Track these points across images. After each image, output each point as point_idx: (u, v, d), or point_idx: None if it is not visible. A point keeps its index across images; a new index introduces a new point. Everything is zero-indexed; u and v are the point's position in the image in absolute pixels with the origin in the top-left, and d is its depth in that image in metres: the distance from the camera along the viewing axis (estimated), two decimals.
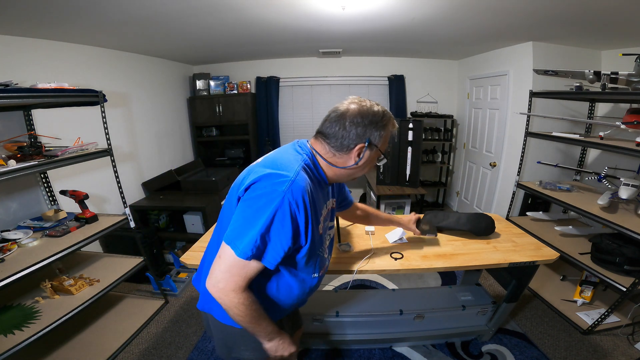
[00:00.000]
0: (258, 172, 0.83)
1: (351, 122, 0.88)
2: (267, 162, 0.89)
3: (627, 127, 1.82)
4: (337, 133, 0.90)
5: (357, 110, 0.89)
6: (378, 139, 0.91)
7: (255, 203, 0.79)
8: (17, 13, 1.70)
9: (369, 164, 0.96)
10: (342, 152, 0.91)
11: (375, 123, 0.89)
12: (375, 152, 0.94)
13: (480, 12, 2.03)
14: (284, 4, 1.91)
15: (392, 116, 0.95)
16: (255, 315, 0.86)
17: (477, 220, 1.71)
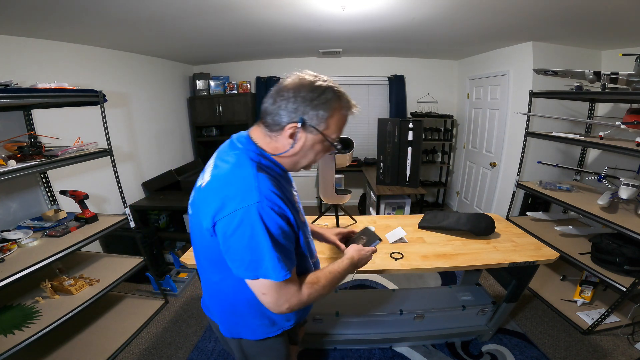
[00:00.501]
0: (217, 201, 0.74)
1: (282, 96, 0.76)
2: (217, 182, 0.78)
3: (627, 127, 1.82)
4: (268, 108, 0.79)
5: (292, 82, 0.78)
6: (317, 121, 0.77)
7: (243, 232, 0.72)
8: (17, 13, 1.70)
9: (313, 151, 0.83)
10: (275, 132, 0.79)
11: (311, 100, 0.75)
12: (319, 138, 0.80)
13: (480, 12, 2.03)
14: (284, 4, 1.91)
15: (344, 96, 0.80)
16: (326, 283, 0.86)
17: (477, 220, 1.71)
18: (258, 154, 0.82)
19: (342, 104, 0.80)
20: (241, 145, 0.83)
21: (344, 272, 0.94)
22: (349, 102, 0.82)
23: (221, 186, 0.76)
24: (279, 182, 0.82)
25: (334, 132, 0.82)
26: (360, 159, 4.24)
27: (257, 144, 0.83)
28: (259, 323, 0.94)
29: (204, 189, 0.80)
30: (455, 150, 4.33)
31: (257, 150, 0.82)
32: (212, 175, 0.80)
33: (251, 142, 0.84)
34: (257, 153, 0.82)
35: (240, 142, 0.85)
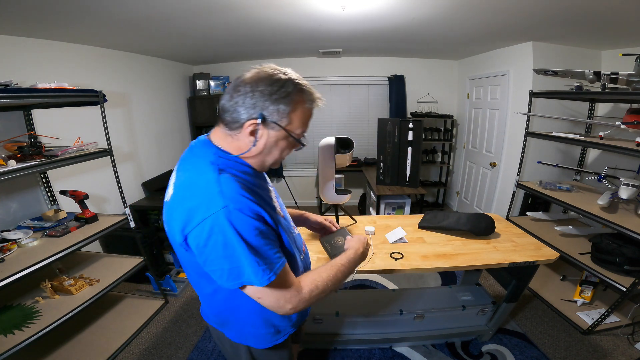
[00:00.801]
0: (183, 214, 0.70)
1: (238, 91, 0.72)
2: (179, 194, 0.74)
3: (627, 127, 1.82)
4: (225, 105, 0.74)
5: (250, 76, 0.73)
6: (278, 116, 0.72)
7: (216, 242, 0.67)
8: (17, 13, 1.70)
9: (278, 148, 0.78)
10: (234, 130, 0.75)
11: (270, 94, 0.71)
12: (282, 134, 0.75)
13: (480, 12, 2.03)
14: (284, 4, 1.91)
15: (306, 88, 0.76)
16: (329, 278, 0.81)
17: (477, 220, 1.71)
18: (219, 156, 0.76)
19: (305, 97, 0.75)
20: (200, 150, 0.79)
21: (349, 264, 0.90)
22: (312, 94, 0.77)
23: (184, 197, 0.72)
24: (247, 181, 0.76)
25: (298, 127, 0.77)
26: (360, 159, 4.24)
27: (218, 146, 0.78)
28: (264, 332, 0.93)
29: (170, 203, 0.76)
30: (455, 150, 4.33)
31: (217, 152, 0.77)
32: (174, 188, 0.76)
33: (211, 145, 0.79)
34: (218, 155, 0.76)
35: (199, 146, 0.80)
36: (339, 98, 4.24)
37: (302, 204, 4.53)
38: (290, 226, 0.96)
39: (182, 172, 0.77)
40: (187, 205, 0.70)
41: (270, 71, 0.74)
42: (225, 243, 0.67)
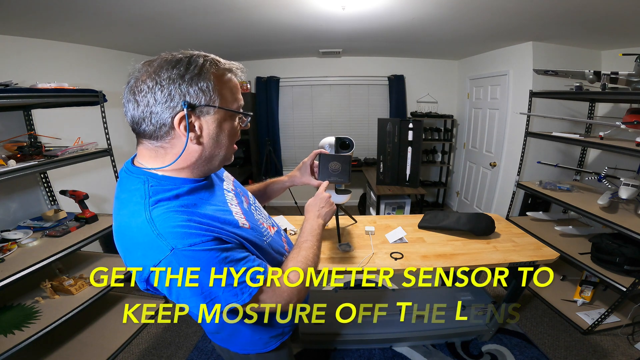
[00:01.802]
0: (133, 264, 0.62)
1: (142, 91, 0.59)
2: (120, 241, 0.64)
3: (627, 127, 1.82)
4: (136, 115, 0.60)
5: (146, 72, 0.60)
6: (206, 95, 0.61)
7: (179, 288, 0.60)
8: (17, 13, 1.70)
9: (225, 133, 0.67)
10: (163, 138, 0.62)
11: (181, 76, 0.59)
12: (222, 114, 0.64)
13: (480, 12, 2.03)
14: (284, 3, 1.91)
15: (216, 57, 0.65)
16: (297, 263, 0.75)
17: (477, 220, 1.71)
18: (149, 184, 0.63)
19: (221, 66, 0.64)
20: (126, 182, 0.66)
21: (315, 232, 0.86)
22: (225, 62, 0.66)
23: (127, 249, 0.63)
24: (188, 204, 0.64)
25: (233, 99, 0.66)
26: (360, 159, 4.24)
27: (144, 169, 0.65)
28: (266, 338, 0.93)
29: (115, 237, 0.66)
30: (455, 150, 4.33)
31: (146, 179, 0.64)
32: (114, 226, 0.66)
33: (138, 172, 0.65)
34: (147, 184, 0.63)
35: (124, 177, 0.67)
36: (339, 98, 4.24)
37: (302, 204, 4.52)
38: (261, 234, 0.81)
39: (115, 214, 0.65)
40: (134, 257, 0.61)
41: (164, 56, 0.62)
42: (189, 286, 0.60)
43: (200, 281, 0.60)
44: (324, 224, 0.95)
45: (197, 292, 0.61)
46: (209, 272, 0.60)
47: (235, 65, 0.68)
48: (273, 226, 0.94)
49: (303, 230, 0.90)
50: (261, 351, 0.95)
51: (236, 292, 0.63)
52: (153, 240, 0.57)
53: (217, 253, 0.61)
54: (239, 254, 0.65)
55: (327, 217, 0.97)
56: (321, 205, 0.97)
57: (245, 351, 0.96)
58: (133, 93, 0.60)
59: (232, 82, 0.67)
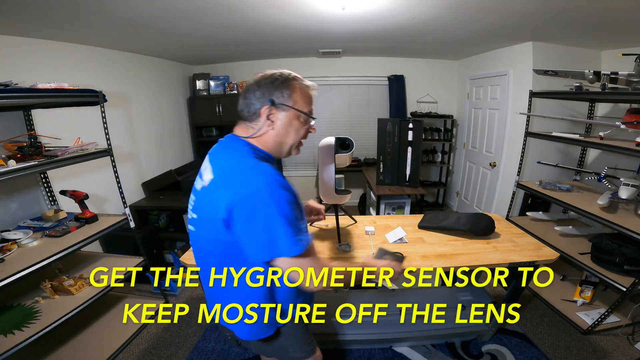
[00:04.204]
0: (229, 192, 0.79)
1: (249, 91, 0.90)
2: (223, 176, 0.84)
3: (627, 127, 1.82)
4: (242, 105, 0.91)
5: (253, 80, 0.92)
6: (285, 98, 0.89)
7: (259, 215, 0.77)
8: (17, 13, 1.70)
9: (293, 128, 0.93)
10: (254, 121, 0.90)
11: (271, 83, 0.89)
12: (292, 113, 0.91)
13: (481, 12, 2.03)
14: (284, 4, 1.91)
15: (298, 76, 0.93)
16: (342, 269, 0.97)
17: (477, 220, 1.71)
18: (249, 146, 0.90)
19: (299, 81, 0.92)
20: (231, 143, 0.91)
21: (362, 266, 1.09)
22: (304, 80, 0.94)
23: (228, 179, 0.82)
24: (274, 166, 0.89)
25: (304, 106, 0.92)
26: (360, 159, 4.24)
27: (243, 138, 0.91)
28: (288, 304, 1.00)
29: (209, 187, 0.85)
30: (455, 150, 4.33)
31: (246, 143, 0.90)
32: (214, 174, 0.86)
33: (239, 138, 0.92)
34: (248, 146, 0.89)
35: (229, 141, 0.93)
36: (339, 98, 4.24)
37: None
38: None
39: (220, 160, 0.89)
40: (232, 184, 0.80)
41: (267, 71, 0.92)
42: (267, 216, 0.77)
43: (274, 218, 0.77)
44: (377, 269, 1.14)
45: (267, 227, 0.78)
46: (284, 212, 0.78)
47: (311, 83, 0.96)
48: None
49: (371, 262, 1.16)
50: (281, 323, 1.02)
51: (292, 242, 0.79)
52: (257, 175, 0.80)
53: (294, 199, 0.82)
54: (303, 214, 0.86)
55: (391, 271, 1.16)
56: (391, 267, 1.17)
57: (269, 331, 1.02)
58: (244, 93, 0.91)
59: (306, 92, 0.93)
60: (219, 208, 0.81)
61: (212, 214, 0.83)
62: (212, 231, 0.87)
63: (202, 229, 0.91)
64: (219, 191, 0.82)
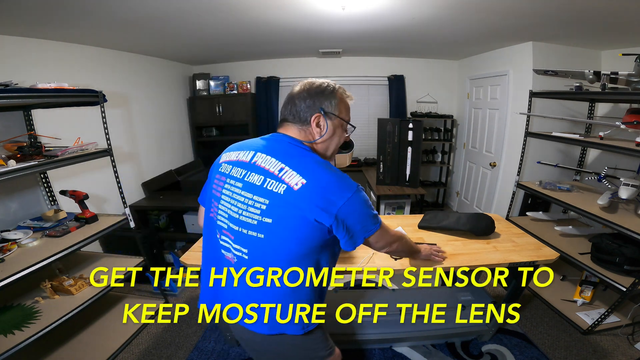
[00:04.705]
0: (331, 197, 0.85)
1: (299, 98, 0.96)
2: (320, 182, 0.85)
3: (627, 127, 1.82)
4: (292, 111, 0.97)
5: (302, 87, 0.98)
6: (333, 107, 0.96)
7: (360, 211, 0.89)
8: (17, 13, 1.70)
9: (337, 133, 1.01)
10: (305, 125, 0.96)
11: (321, 93, 0.95)
12: (337, 121, 0.99)
13: (481, 12, 2.03)
14: (284, 4, 1.91)
15: (341, 86, 1.01)
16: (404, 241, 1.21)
17: (477, 220, 1.71)
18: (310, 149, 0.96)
19: (342, 92, 1.00)
20: (299, 147, 0.94)
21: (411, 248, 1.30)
22: (345, 90, 1.03)
23: (328, 184, 0.86)
24: None
25: (346, 115, 1.01)
26: (360, 159, 4.24)
27: (304, 143, 0.96)
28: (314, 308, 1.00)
29: (302, 191, 0.83)
30: (455, 150, 4.33)
31: (309, 148, 0.96)
32: (305, 178, 0.85)
33: (300, 142, 0.96)
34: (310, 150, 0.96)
35: (293, 143, 0.95)
36: None
37: None
38: None
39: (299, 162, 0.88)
40: (333, 186, 0.86)
41: (311, 80, 0.99)
42: (363, 210, 0.90)
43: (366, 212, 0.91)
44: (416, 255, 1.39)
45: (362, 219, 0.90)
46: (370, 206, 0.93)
47: (350, 93, 1.03)
48: None
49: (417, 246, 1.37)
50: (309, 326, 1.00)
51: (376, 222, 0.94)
52: (348, 181, 0.89)
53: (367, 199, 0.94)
54: None
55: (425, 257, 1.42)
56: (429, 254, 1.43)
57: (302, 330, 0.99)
58: (292, 97, 0.97)
59: (347, 103, 1.01)
60: (319, 211, 0.84)
61: (305, 217, 0.84)
62: (297, 233, 0.86)
63: (278, 231, 0.86)
64: (319, 196, 0.84)
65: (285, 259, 0.90)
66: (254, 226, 0.88)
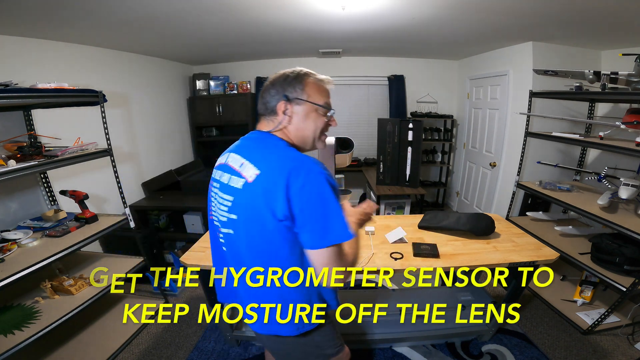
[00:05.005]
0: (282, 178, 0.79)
1: (265, 91, 0.95)
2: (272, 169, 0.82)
3: (627, 127, 1.82)
4: (260, 105, 0.97)
5: (269, 80, 0.96)
6: (298, 92, 0.92)
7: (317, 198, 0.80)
8: (17, 13, 1.70)
9: (311, 118, 0.94)
10: (272, 115, 0.94)
11: (284, 79, 0.93)
12: (308, 106, 0.93)
13: (481, 12, 2.03)
14: (284, 4, 1.91)
15: (310, 71, 0.96)
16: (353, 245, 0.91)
17: (477, 220, 1.71)
18: (282, 140, 0.92)
19: (311, 75, 0.95)
20: (265, 138, 0.93)
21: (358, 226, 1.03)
22: (316, 74, 0.96)
23: (280, 167, 0.82)
24: None
25: (318, 99, 0.94)
26: (360, 159, 4.24)
27: (270, 132, 0.94)
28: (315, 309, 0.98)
29: (257, 182, 0.83)
30: (455, 150, 4.33)
31: (279, 138, 0.93)
32: (260, 168, 0.84)
33: (268, 133, 0.94)
34: (281, 139, 0.92)
35: (261, 136, 0.95)
36: (339, 98, 4.23)
37: None
38: None
39: (258, 154, 0.88)
40: (285, 169, 0.80)
41: (282, 71, 0.96)
42: (325, 200, 0.80)
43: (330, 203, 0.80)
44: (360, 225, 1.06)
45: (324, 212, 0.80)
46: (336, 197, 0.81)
47: (324, 77, 0.98)
48: None
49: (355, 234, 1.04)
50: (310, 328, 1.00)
51: (345, 227, 0.80)
52: (311, 162, 0.82)
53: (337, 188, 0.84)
54: None
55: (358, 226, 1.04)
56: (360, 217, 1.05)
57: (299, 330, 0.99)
58: (262, 92, 0.96)
59: (319, 86, 0.95)
60: (274, 200, 0.80)
61: (262, 209, 0.82)
62: (261, 228, 0.84)
63: (245, 227, 0.87)
64: (270, 184, 0.80)
65: (256, 256, 0.90)
66: (226, 223, 0.93)
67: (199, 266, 1.50)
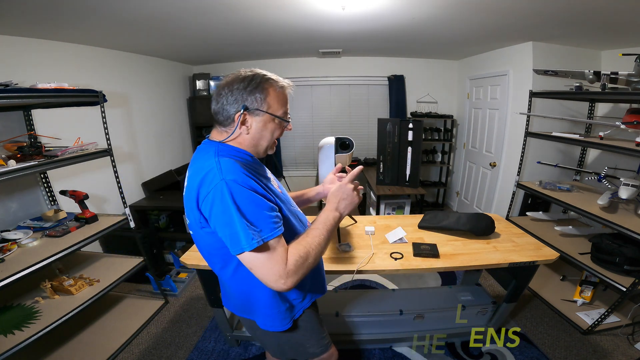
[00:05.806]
0: (194, 193, 0.83)
1: (222, 95, 0.88)
2: (190, 181, 0.87)
3: (627, 127, 1.82)
4: (215, 109, 0.90)
5: (225, 80, 0.89)
6: (259, 103, 0.87)
7: (218, 209, 0.78)
8: (17, 13, 1.70)
9: (268, 130, 0.91)
10: (228, 126, 0.89)
11: (245, 88, 0.86)
12: (267, 117, 0.89)
13: (480, 12, 2.03)
14: (284, 4, 1.91)
15: (272, 76, 0.90)
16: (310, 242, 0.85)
17: (477, 220, 1.71)
18: (220, 148, 0.89)
19: (273, 84, 0.89)
20: (204, 147, 0.93)
21: (327, 223, 0.91)
22: (278, 81, 0.91)
23: (194, 181, 0.84)
24: (246, 161, 0.90)
25: (278, 108, 0.91)
26: (360, 159, 4.24)
27: (217, 141, 0.92)
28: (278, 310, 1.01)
29: (186, 193, 0.89)
30: (455, 150, 4.33)
31: (218, 145, 0.90)
32: (187, 180, 0.90)
33: (212, 142, 0.92)
34: (219, 148, 0.89)
35: (202, 146, 0.94)
36: (339, 98, 4.24)
37: None
38: (290, 201, 1.05)
39: (191, 167, 0.90)
40: (196, 185, 0.82)
41: (240, 72, 0.90)
42: (225, 209, 0.77)
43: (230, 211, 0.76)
44: (341, 217, 0.96)
45: (227, 221, 0.77)
46: (238, 205, 0.77)
47: (286, 82, 0.93)
48: None
49: (318, 218, 0.93)
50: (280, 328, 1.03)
51: (248, 234, 0.76)
52: (214, 172, 0.79)
53: (251, 194, 0.79)
54: (267, 208, 0.81)
55: (346, 210, 0.97)
56: (342, 197, 0.97)
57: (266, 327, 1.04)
58: (216, 95, 0.89)
59: (280, 95, 0.90)
60: (192, 210, 0.86)
61: (194, 218, 0.88)
62: (200, 236, 0.92)
63: (194, 231, 0.94)
64: (191, 194, 0.85)
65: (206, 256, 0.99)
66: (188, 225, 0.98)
67: (199, 266, 1.50)
